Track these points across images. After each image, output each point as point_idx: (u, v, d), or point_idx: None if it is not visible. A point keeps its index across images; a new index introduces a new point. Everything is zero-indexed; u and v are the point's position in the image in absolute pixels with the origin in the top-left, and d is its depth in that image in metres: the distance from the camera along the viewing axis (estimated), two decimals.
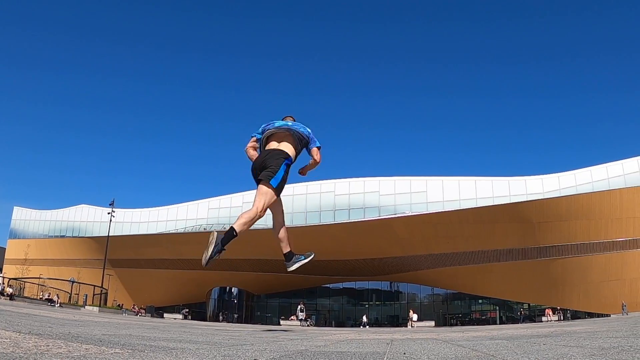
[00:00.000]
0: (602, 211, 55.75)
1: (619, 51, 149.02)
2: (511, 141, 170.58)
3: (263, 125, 8.73)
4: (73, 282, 61.25)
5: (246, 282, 70.19)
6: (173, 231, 75.13)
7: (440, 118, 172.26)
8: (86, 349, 3.33)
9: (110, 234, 67.82)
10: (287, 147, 8.25)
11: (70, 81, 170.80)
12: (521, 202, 58.34)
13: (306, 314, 54.66)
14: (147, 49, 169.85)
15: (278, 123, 8.61)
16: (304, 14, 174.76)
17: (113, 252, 66.83)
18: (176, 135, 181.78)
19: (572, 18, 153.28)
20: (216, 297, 74.65)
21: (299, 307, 51.34)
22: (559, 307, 59.39)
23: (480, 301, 69.49)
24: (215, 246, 7.62)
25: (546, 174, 66.81)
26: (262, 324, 57.66)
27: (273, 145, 8.35)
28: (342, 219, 64.65)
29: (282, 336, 7.45)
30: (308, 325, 45.72)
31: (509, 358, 3.31)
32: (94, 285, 60.40)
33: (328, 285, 73.56)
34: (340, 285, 73.33)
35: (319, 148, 8.62)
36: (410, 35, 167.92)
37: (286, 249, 8.74)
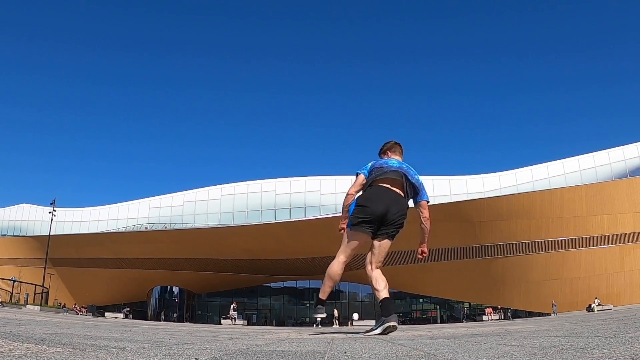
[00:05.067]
0: (543, 210, 56.09)
1: (559, 50, 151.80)
2: (451, 140, 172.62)
3: (375, 163, 7.73)
4: (14, 281, 60.53)
5: (187, 281, 69.84)
6: (114, 230, 74.69)
7: (380, 117, 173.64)
8: (27, 347, 3.25)
9: (51, 233, 67.27)
10: None
11: (6, 78, 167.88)
12: (462, 201, 58.64)
13: (247, 313, 54.72)
14: (85, 47, 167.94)
15: (395, 163, 7.66)
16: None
17: (54, 251, 66.19)
18: (116, 134, 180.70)
19: (508, 16, 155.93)
20: (157, 296, 73.93)
21: (232, 306, 51.38)
22: (499, 306, 59.78)
23: (421, 300, 69.75)
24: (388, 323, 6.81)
25: (487, 173, 67.47)
26: (204, 323, 57.40)
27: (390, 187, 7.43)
28: (283, 218, 64.62)
29: (223, 335, 7.36)
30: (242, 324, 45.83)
31: (450, 357, 3.14)
32: (35, 285, 59.99)
33: (269, 285, 73.31)
34: (281, 284, 73.18)
35: (427, 202, 7.66)
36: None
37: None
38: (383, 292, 7.15)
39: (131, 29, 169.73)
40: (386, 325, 6.78)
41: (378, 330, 6.87)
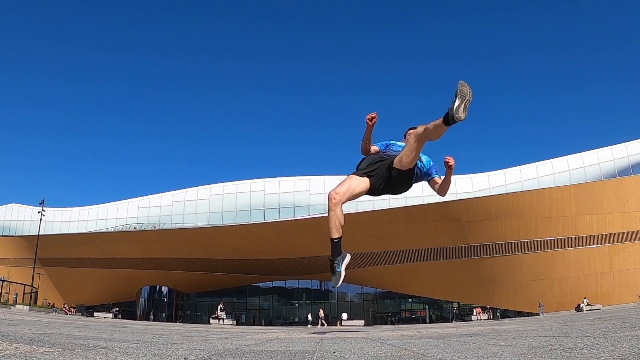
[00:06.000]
0: (532, 210, 56.18)
1: (549, 49, 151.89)
2: (440, 140, 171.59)
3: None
4: (3, 281, 60.15)
5: (176, 281, 69.83)
6: (103, 230, 74.14)
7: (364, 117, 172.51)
8: (16, 347, 3.33)
9: (40, 233, 66.98)
10: None
11: None
12: (451, 201, 58.40)
13: (235, 313, 54.71)
14: (78, 46, 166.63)
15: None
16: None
17: (43, 251, 65.95)
18: (105, 134, 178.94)
19: (493, 15, 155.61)
20: (146, 296, 73.91)
21: (219, 306, 51.32)
22: (488, 306, 59.80)
23: (410, 300, 69.95)
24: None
25: (475, 173, 67.45)
26: (193, 322, 57.33)
27: None
28: (272, 218, 64.53)
29: (212, 335, 7.44)
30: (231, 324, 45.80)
31: (439, 357, 3.23)
32: (24, 284, 59.79)
33: (258, 284, 73.71)
34: (270, 284, 73.65)
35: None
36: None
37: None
38: (341, 230, 7.21)
39: (118, 26, 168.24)
40: (348, 256, 7.28)
41: (343, 267, 7.29)
